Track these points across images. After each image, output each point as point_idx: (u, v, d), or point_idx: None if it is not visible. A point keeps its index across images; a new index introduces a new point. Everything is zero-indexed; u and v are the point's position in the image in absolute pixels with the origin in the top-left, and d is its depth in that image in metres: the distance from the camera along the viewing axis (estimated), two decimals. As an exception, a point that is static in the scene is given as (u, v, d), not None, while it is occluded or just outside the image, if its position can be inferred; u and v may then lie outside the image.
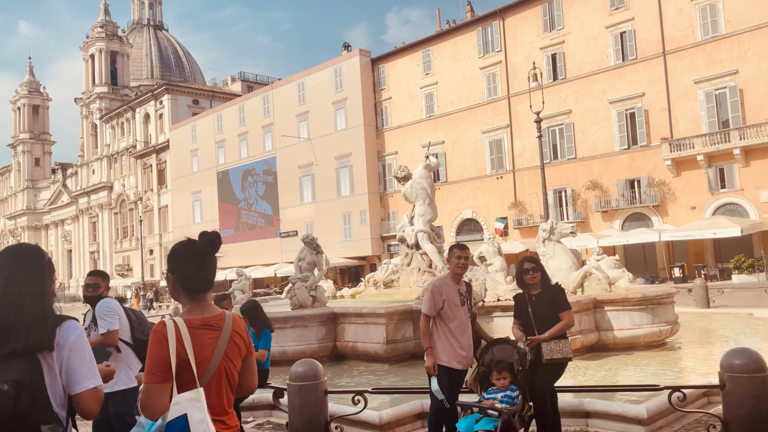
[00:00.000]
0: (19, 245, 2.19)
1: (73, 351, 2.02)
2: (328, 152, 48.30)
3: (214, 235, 2.36)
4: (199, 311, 2.30)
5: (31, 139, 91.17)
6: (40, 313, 2.03)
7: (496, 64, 39.75)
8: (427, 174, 12.40)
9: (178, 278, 2.31)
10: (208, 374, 2.20)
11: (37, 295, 2.05)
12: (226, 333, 2.28)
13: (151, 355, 2.17)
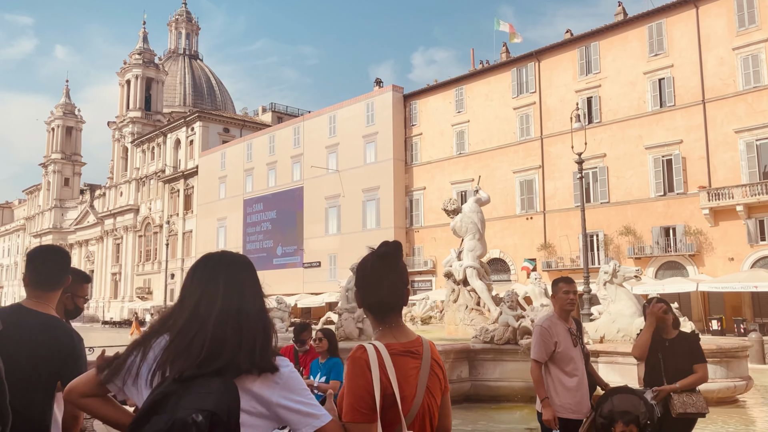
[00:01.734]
0: (226, 252, 1.90)
1: (293, 379, 1.68)
2: (356, 185, 48.31)
3: (397, 244, 2.04)
4: (394, 335, 1.96)
5: (62, 160, 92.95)
6: (262, 328, 1.71)
7: (530, 104, 39.69)
8: (477, 208, 12.08)
9: (365, 296, 1.99)
10: (412, 413, 1.85)
11: (259, 308, 1.74)
12: (426, 362, 1.93)
13: (352, 387, 1.82)
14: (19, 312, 2.54)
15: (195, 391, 1.51)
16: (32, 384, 2.41)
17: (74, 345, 2.59)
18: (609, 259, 35.21)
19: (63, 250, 2.88)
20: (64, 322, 2.71)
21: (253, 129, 67.60)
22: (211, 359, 1.58)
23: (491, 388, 8.45)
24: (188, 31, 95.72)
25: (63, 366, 2.49)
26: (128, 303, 71.55)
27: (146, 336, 1.71)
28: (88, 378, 1.72)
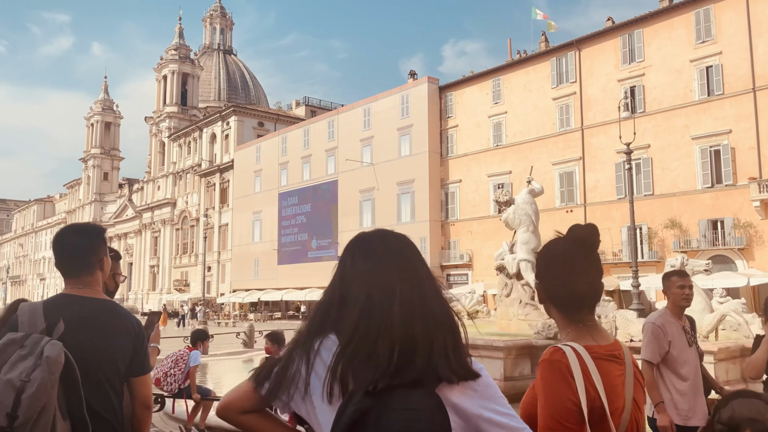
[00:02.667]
0: (386, 231, 1.59)
1: (491, 386, 1.38)
2: (391, 178, 48.05)
3: (593, 228, 1.76)
4: (592, 335, 1.68)
5: (101, 155, 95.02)
6: (448, 324, 1.39)
7: (570, 95, 38.79)
8: (531, 200, 11.68)
9: (553, 288, 1.71)
10: (621, 429, 1.57)
11: (440, 299, 1.42)
12: (630, 368, 1.67)
13: (552, 397, 1.55)
14: (74, 302, 2.24)
15: (395, 407, 1.23)
16: (109, 381, 2.17)
17: (143, 332, 2.34)
18: (654, 252, 34.29)
19: (90, 226, 2.54)
20: (125, 308, 2.46)
21: (287, 123, 67.89)
22: (404, 366, 1.29)
23: (555, 387, 8.10)
24: (222, 27, 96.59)
25: (133, 357, 2.26)
26: (166, 295, 72.81)
27: (305, 337, 1.42)
28: (245, 392, 1.44)
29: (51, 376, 1.88)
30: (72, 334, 2.09)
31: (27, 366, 1.88)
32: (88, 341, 2.13)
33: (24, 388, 1.84)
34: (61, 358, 1.93)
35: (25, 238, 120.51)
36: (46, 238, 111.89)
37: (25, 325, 2.06)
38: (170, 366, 6.82)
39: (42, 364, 1.89)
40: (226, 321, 50.65)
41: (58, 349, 1.95)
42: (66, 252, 2.34)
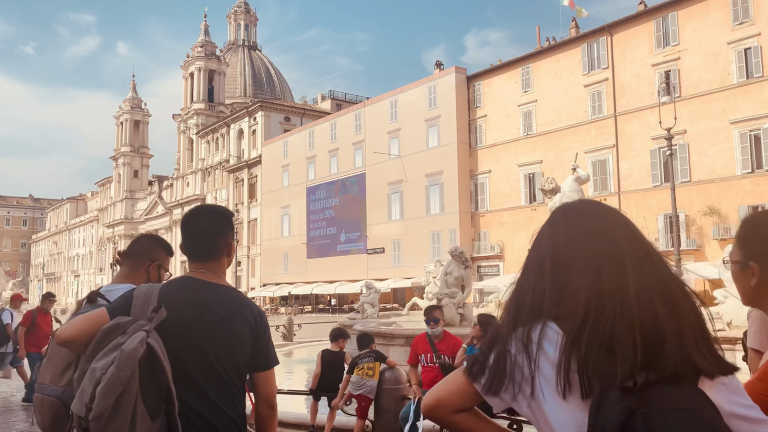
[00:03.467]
0: (592, 201, 1.37)
1: (736, 377, 1.17)
2: (419, 170, 47.82)
3: None
4: None
5: (131, 153, 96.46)
6: (692, 307, 1.17)
7: (602, 81, 38.05)
8: (577, 187, 11.43)
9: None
10: None
11: (675, 278, 1.20)
12: None
13: None
14: (194, 286, 2.07)
15: (664, 406, 1.04)
16: (228, 375, 2.01)
17: (265, 322, 2.18)
18: (692, 241, 33.51)
19: (222, 208, 2.37)
20: (247, 297, 2.33)
21: (313, 117, 68.03)
22: (654, 358, 1.09)
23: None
24: (247, 23, 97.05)
25: (254, 350, 2.08)
26: (197, 290, 73.76)
27: (513, 325, 1.20)
28: (459, 388, 1.25)
29: (120, 372, 1.73)
30: (188, 321, 1.96)
31: (114, 356, 1.78)
32: (207, 330, 1.98)
33: (100, 380, 1.74)
34: (137, 353, 1.77)
35: (59, 236, 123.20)
36: (79, 236, 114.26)
37: (137, 308, 1.97)
38: None
39: (117, 357, 1.77)
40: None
41: (137, 342, 1.79)
42: (197, 233, 2.19)
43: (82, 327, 1.98)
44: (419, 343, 6.00)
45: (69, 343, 2.01)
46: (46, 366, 2.41)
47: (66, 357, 2.33)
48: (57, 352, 2.36)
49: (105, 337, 1.86)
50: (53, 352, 2.43)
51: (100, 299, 2.45)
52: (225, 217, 2.26)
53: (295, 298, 60.12)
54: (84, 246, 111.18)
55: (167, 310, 1.92)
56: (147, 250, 2.74)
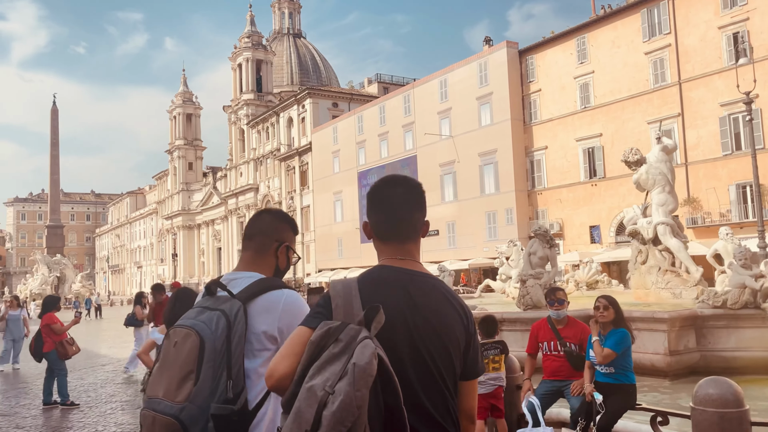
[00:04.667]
0: None
1: None
2: (471, 149, 46.95)
3: None
4: None
5: (185, 146, 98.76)
6: None
7: (665, 47, 36.20)
8: (665, 157, 10.68)
9: None
10: None
11: None
12: None
13: None
14: (399, 279, 1.72)
15: None
16: (447, 387, 1.68)
17: (474, 323, 1.82)
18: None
19: (413, 179, 2.02)
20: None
21: (360, 102, 67.78)
22: None
23: (725, 359, 7.31)
24: (291, 10, 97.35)
25: (466, 355, 1.75)
26: (255, 277, 75.22)
27: None
28: None
29: (357, 392, 1.40)
30: (404, 323, 1.62)
31: (335, 371, 1.45)
32: (424, 334, 1.64)
33: (326, 402, 1.40)
34: (372, 369, 1.44)
35: (120, 229, 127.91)
36: (139, 228, 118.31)
37: (339, 310, 1.60)
38: None
39: (348, 374, 1.43)
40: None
41: (369, 355, 1.45)
42: (396, 207, 1.85)
43: (295, 355, 1.57)
44: (540, 329, 5.43)
45: (286, 378, 1.56)
46: (158, 376, 1.96)
47: (183, 364, 1.88)
48: (172, 358, 1.92)
49: (315, 349, 1.53)
50: (166, 359, 1.96)
51: (221, 290, 2.05)
52: (419, 189, 1.94)
53: (351, 282, 60.42)
54: (145, 238, 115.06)
55: None
56: (274, 229, 2.27)
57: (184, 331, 1.92)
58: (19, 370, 14.39)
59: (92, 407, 9.18)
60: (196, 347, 1.86)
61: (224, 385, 1.85)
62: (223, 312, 1.93)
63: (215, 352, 1.86)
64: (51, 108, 70.87)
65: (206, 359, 1.84)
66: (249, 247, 2.26)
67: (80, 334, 14.59)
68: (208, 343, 1.86)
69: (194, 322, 1.93)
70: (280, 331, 1.98)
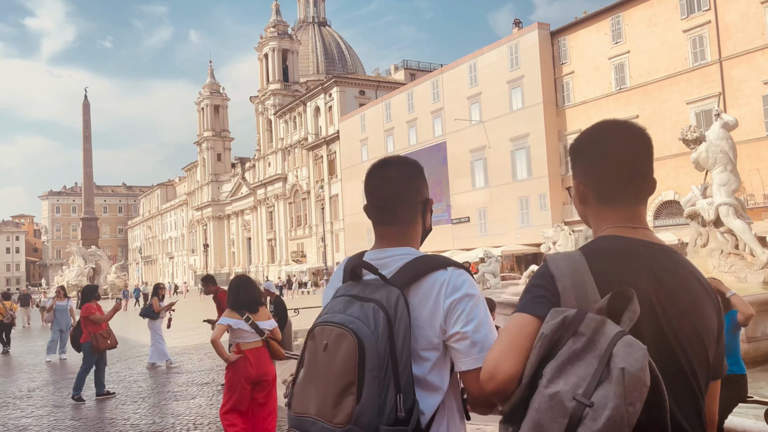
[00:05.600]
0: None
1: None
2: (502, 134, 46.23)
3: None
4: None
5: (213, 137, 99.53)
6: None
7: (704, 24, 34.97)
8: (725, 134, 10.17)
9: None
10: None
11: None
12: None
13: None
14: (654, 253, 1.37)
15: None
16: (701, 393, 1.34)
17: (721, 306, 1.45)
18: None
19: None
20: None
21: (387, 89, 67.31)
22: None
23: (808, 346, 6.92)
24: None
25: (716, 350, 1.39)
26: (285, 267, 75.69)
27: None
28: None
29: (630, 407, 1.08)
30: (656, 311, 1.28)
31: (584, 374, 1.13)
32: (677, 324, 1.30)
33: (582, 416, 1.09)
34: (647, 376, 1.11)
35: (152, 221, 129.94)
36: (170, 220, 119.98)
37: (569, 292, 1.27)
38: None
39: (612, 380, 1.10)
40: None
41: (642, 358, 1.12)
42: (629, 160, 1.46)
43: (521, 350, 1.26)
44: None
45: (512, 380, 1.25)
46: (306, 387, 1.57)
47: (340, 374, 1.49)
48: (323, 366, 1.52)
49: (549, 344, 1.22)
50: (314, 366, 1.56)
51: (369, 273, 1.62)
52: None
53: (381, 271, 60.40)
54: (176, 229, 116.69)
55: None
56: (414, 188, 1.77)
57: (336, 330, 1.51)
58: (66, 360, 14.55)
59: (145, 398, 9.14)
60: (354, 351, 1.46)
61: (393, 400, 1.45)
62: (378, 303, 1.52)
63: (378, 357, 1.46)
64: (83, 102, 71.92)
65: (368, 367, 1.45)
66: (391, 221, 1.75)
67: (127, 325, 14.68)
68: (369, 345, 1.46)
69: (346, 317, 1.52)
70: (442, 327, 1.59)
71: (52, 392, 10.29)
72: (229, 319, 5.13)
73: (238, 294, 5.21)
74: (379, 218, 1.77)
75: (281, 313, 11.06)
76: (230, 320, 5.12)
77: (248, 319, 5.09)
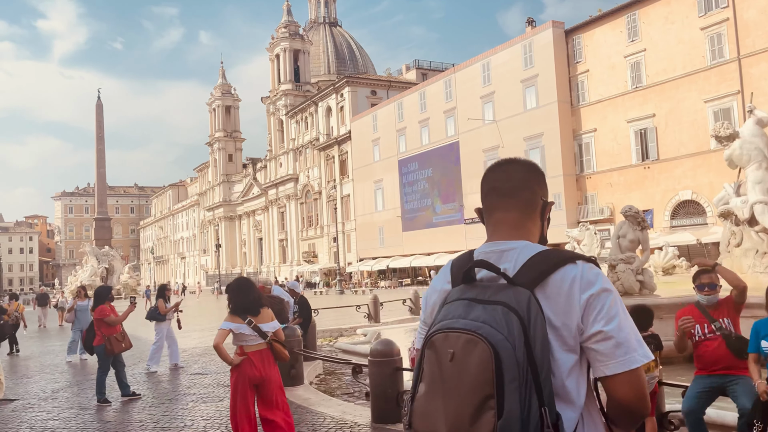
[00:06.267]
0: None
1: None
2: (516, 133, 45.96)
3: None
4: None
5: (224, 137, 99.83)
6: None
7: (722, 22, 34.56)
8: (760, 131, 9.92)
9: None
10: None
11: None
12: None
13: None
14: None
15: None
16: None
17: None
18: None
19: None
20: None
21: (398, 89, 67.17)
22: None
23: None
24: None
25: None
26: (296, 267, 75.75)
27: None
28: None
29: None
30: None
31: None
32: None
33: None
34: None
35: (164, 221, 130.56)
36: (182, 220, 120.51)
37: None
38: None
39: None
40: (363, 289, 51.57)
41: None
42: None
43: None
44: (689, 313, 4.72)
45: None
46: (432, 401, 1.37)
47: (475, 386, 1.30)
48: (452, 377, 1.34)
49: None
50: (440, 378, 1.36)
51: (483, 271, 1.47)
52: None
53: (393, 271, 60.26)
54: (187, 229, 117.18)
55: None
56: (537, 182, 1.64)
57: (463, 336, 1.33)
58: (87, 360, 14.50)
59: (171, 400, 9.03)
60: (489, 360, 1.29)
61: (537, 414, 1.29)
62: (506, 305, 1.36)
63: (517, 365, 1.29)
64: (96, 103, 72.28)
65: (507, 378, 1.28)
66: (510, 206, 1.59)
67: (145, 325, 14.58)
68: (505, 353, 1.30)
69: (471, 323, 1.34)
70: (579, 327, 1.42)
71: (76, 393, 10.21)
72: (230, 324, 5.11)
73: (238, 297, 5.21)
74: (497, 203, 1.62)
75: (306, 314, 10.93)
76: (232, 325, 5.10)
77: (250, 323, 5.09)
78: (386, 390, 6.09)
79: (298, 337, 8.95)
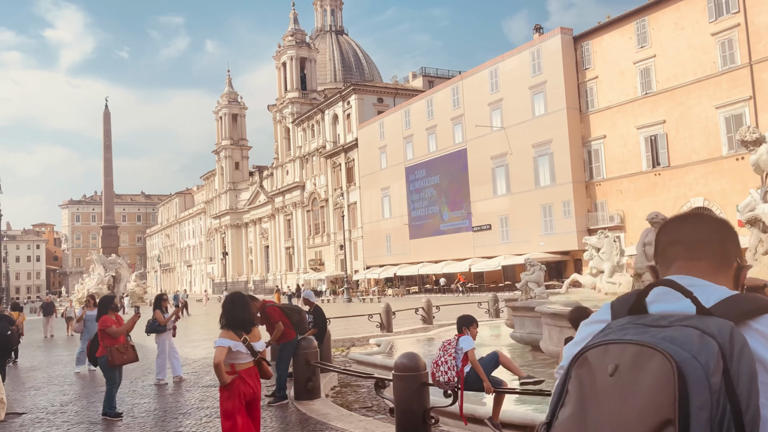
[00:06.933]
0: None
1: None
2: (524, 140, 45.70)
3: None
4: None
5: (231, 145, 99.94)
6: None
7: (733, 27, 34.28)
8: (788, 137, 9.62)
9: None
10: None
11: None
12: None
13: None
14: None
15: None
16: None
17: None
18: None
19: None
20: None
21: (405, 96, 67.10)
22: None
23: None
24: (333, 7, 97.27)
25: None
26: (303, 274, 75.48)
27: None
28: None
29: None
30: None
31: None
32: None
33: None
34: None
35: (170, 229, 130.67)
36: (188, 228, 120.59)
37: None
38: (440, 355, 6.07)
39: None
40: (371, 297, 51.25)
41: None
42: None
43: None
44: None
45: None
46: (577, 425, 1.11)
47: (647, 408, 1.02)
48: (613, 395, 1.06)
49: None
50: (590, 400, 1.10)
51: (658, 303, 1.21)
52: None
53: (400, 279, 59.93)
54: (194, 237, 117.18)
55: None
56: (733, 242, 1.39)
57: (633, 348, 1.07)
58: (96, 371, 14.26)
59: (186, 414, 8.78)
60: (671, 377, 1.01)
61: None
62: (701, 330, 1.09)
63: (710, 392, 1.01)
64: (104, 111, 72.38)
65: (695, 404, 1.00)
66: (700, 256, 1.35)
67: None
68: (693, 373, 1.02)
69: (645, 337, 1.09)
70: None
71: (86, 407, 9.97)
72: (228, 341, 5.09)
73: (234, 313, 5.22)
74: (681, 254, 1.35)
75: (321, 324, 10.69)
76: (230, 342, 5.09)
77: (245, 341, 5.12)
78: (412, 406, 5.84)
79: (315, 348, 8.69)
